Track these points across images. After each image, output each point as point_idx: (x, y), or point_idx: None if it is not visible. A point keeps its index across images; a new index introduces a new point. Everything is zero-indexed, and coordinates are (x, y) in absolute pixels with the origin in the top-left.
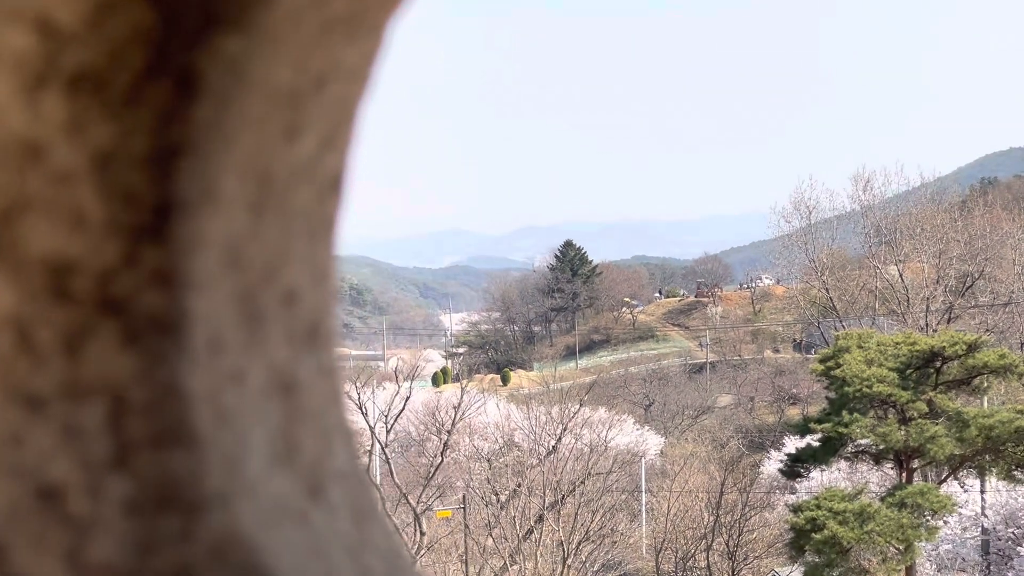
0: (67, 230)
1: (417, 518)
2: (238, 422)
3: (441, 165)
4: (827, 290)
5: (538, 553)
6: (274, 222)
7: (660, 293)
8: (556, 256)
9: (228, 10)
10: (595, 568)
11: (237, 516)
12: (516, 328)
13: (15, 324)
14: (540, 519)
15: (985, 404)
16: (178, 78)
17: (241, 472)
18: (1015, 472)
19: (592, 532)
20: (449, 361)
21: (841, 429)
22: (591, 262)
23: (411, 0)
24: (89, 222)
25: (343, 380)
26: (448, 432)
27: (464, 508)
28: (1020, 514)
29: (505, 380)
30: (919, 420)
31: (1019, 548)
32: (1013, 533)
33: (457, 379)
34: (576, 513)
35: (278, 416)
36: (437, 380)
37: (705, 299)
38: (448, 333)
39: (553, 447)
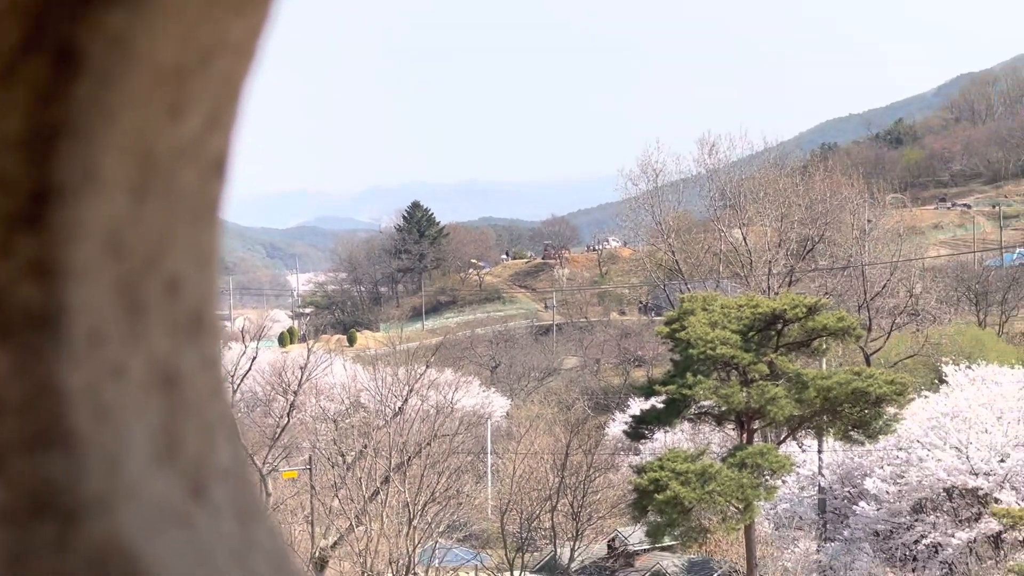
0: None
1: (263, 479)
2: (118, 419)
3: (288, 125)
4: (673, 253)
5: (384, 514)
6: (157, 206)
7: (507, 255)
8: (403, 217)
9: None
10: (440, 529)
11: (118, 522)
12: (363, 289)
13: None
14: (386, 480)
15: (824, 366)
16: (57, 53)
17: (122, 473)
18: (851, 432)
19: (438, 493)
20: (296, 321)
21: (685, 391)
22: (438, 223)
23: None
24: None
25: (223, 370)
26: (294, 393)
27: (310, 469)
28: (856, 473)
29: (352, 341)
30: (760, 382)
31: (854, 507)
32: (849, 492)
33: (304, 339)
34: (422, 474)
35: (160, 412)
36: (284, 340)
37: (552, 261)
38: (295, 293)
39: (399, 408)
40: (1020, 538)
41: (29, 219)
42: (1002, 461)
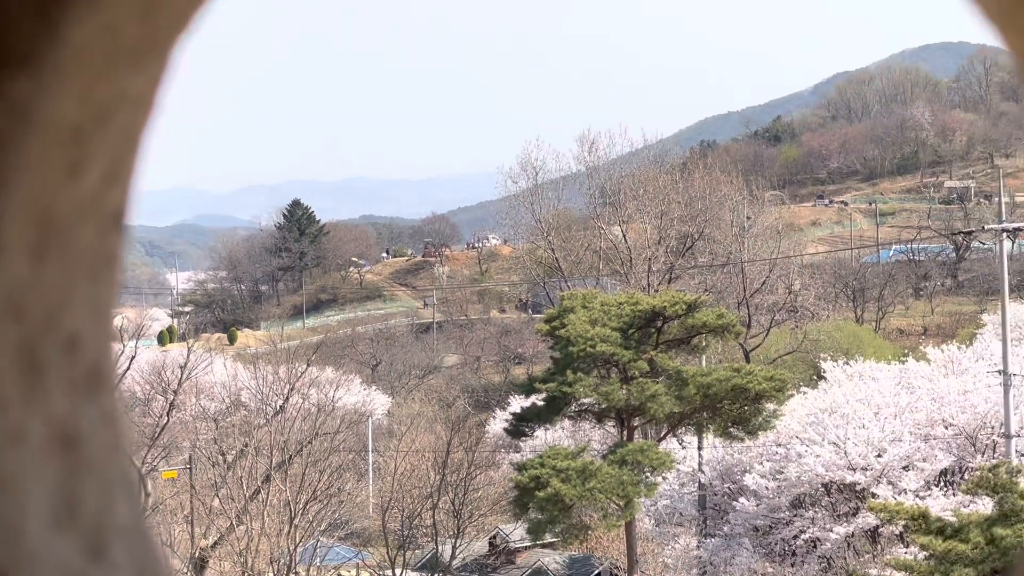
0: None
1: (142, 479)
2: (18, 487)
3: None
4: (553, 250)
5: (265, 513)
6: (56, 265)
7: (388, 253)
8: (283, 215)
9: (15, 49)
10: (322, 528)
11: None
12: (243, 287)
13: None
14: (267, 479)
15: (703, 363)
16: None
17: (22, 543)
18: (731, 429)
19: (319, 492)
20: (175, 320)
21: (565, 388)
22: (319, 221)
23: (198, 24)
24: None
25: (125, 426)
26: (174, 392)
27: (190, 469)
28: (735, 470)
29: (232, 339)
30: (640, 379)
31: (734, 503)
32: (729, 488)
33: (183, 338)
34: (303, 473)
35: (59, 473)
36: (163, 339)
37: (432, 259)
38: (174, 292)
39: (280, 407)
40: (896, 532)
41: None
42: (879, 456)
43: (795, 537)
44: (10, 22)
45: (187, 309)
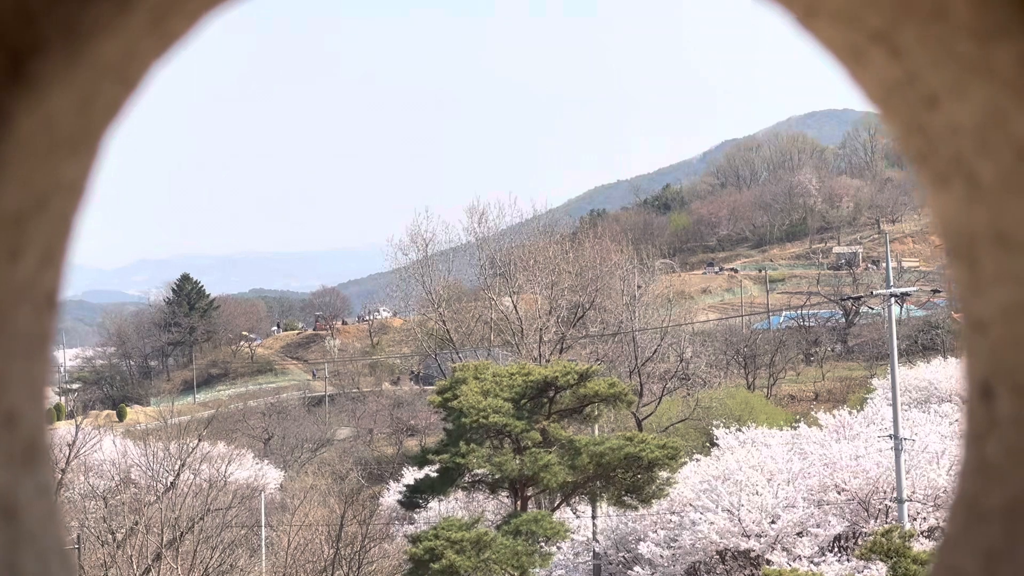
0: None
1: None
2: None
3: None
4: (444, 322)
5: None
6: None
7: (278, 327)
8: (173, 290)
9: None
10: None
11: None
12: (132, 363)
13: None
14: (158, 557)
15: (596, 432)
16: None
17: None
18: (625, 497)
19: (211, 569)
20: (63, 398)
21: (459, 459)
22: (208, 296)
23: (127, 114)
24: None
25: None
26: (62, 471)
27: (79, 548)
28: (630, 538)
29: (121, 416)
30: (533, 449)
31: (629, 572)
32: (624, 557)
33: (71, 416)
34: (195, 550)
35: (1, 544)
36: (51, 417)
37: (323, 332)
38: (62, 369)
39: (171, 483)
40: None
41: None
42: (773, 522)
43: None
44: None
45: (75, 386)
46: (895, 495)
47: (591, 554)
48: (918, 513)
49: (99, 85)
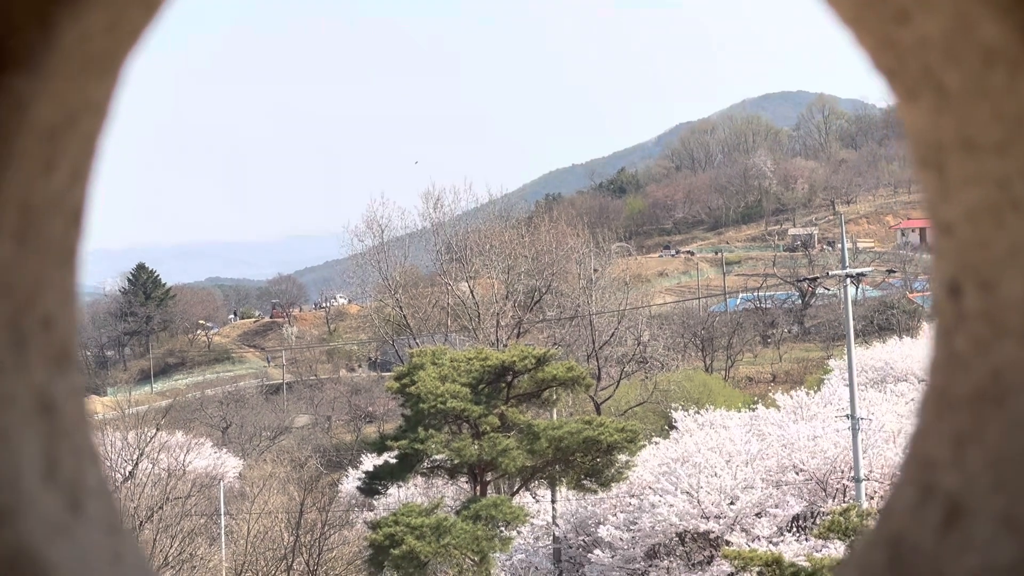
0: None
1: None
2: (12, 442)
3: None
4: (401, 308)
5: None
6: (34, 251)
7: (235, 315)
8: (128, 280)
9: (18, 51)
10: None
11: (22, 531)
12: (88, 353)
13: None
14: None
15: (554, 416)
16: None
17: (20, 489)
18: (584, 481)
19: (171, 558)
20: None
21: (417, 445)
22: (164, 285)
23: (145, 42)
24: None
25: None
26: None
27: None
28: (590, 522)
29: None
30: (492, 434)
31: (589, 555)
32: (583, 540)
33: None
34: (155, 539)
35: (41, 436)
36: None
37: (280, 319)
38: None
39: (130, 473)
40: None
41: None
42: (732, 504)
43: None
44: (15, 27)
45: None
46: (852, 474)
47: (551, 538)
48: (875, 492)
49: (125, 8)
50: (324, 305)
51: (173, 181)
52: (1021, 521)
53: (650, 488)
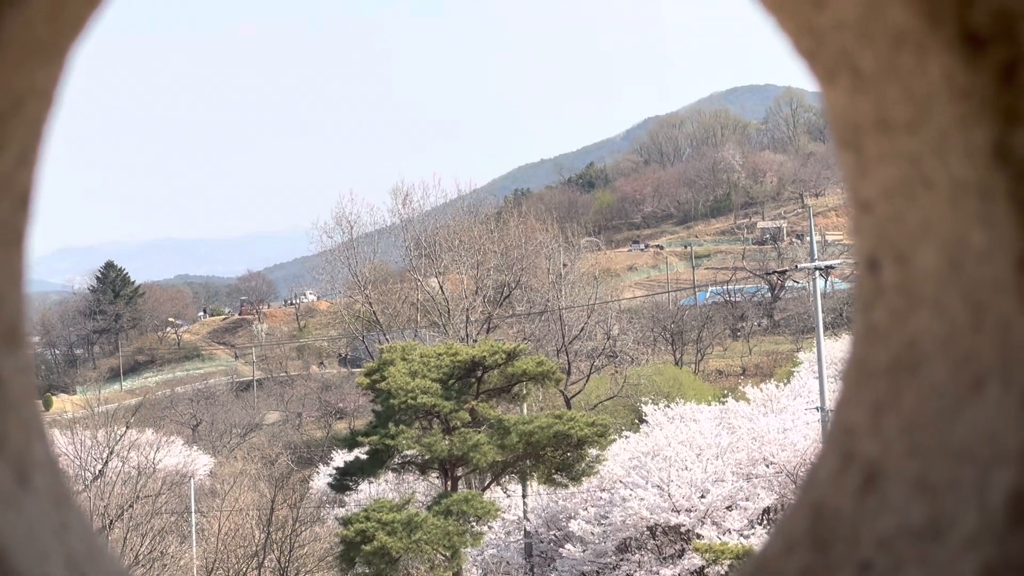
0: None
1: None
2: None
3: None
4: (370, 304)
5: None
6: None
7: (205, 312)
8: (97, 278)
9: None
10: None
11: None
12: (57, 352)
13: None
14: None
15: (524, 410)
16: None
17: None
18: (555, 476)
19: (142, 556)
20: None
21: (388, 441)
22: (133, 283)
23: (91, 29)
24: None
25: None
26: None
27: None
28: (561, 516)
29: (48, 405)
30: (462, 429)
31: (560, 549)
32: (555, 535)
33: None
34: (125, 537)
35: None
36: None
37: (250, 316)
38: None
39: (100, 471)
40: (722, 572)
41: None
42: (702, 497)
43: None
44: None
45: None
46: None
47: (522, 533)
48: None
49: None
50: (294, 302)
51: (142, 178)
52: (932, 484)
53: (621, 482)
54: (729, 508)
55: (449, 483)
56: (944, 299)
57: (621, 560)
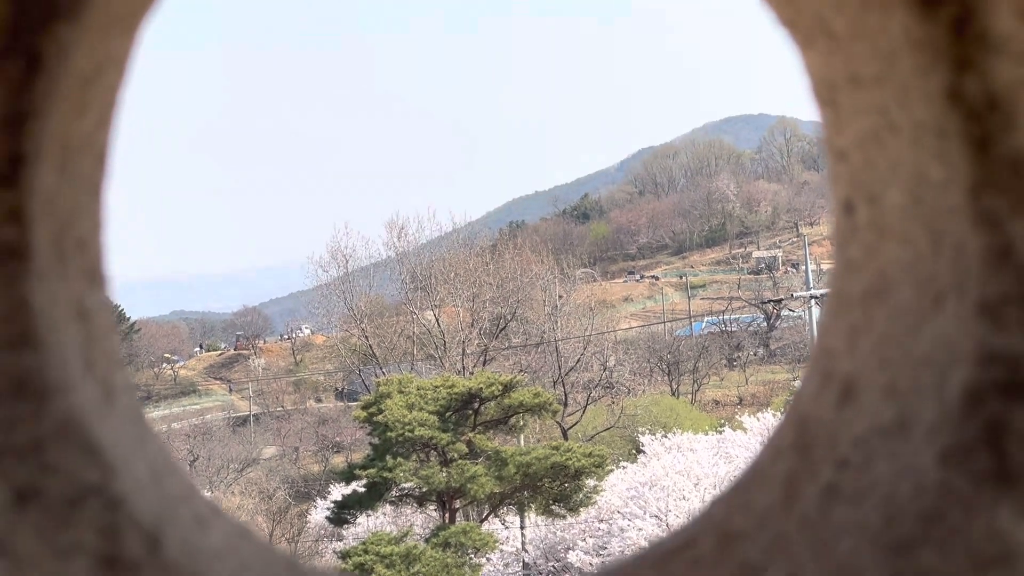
0: None
1: None
2: (60, 334)
3: None
4: (367, 337)
5: None
6: (70, 182)
7: (201, 347)
8: None
9: (65, 3)
10: None
11: (73, 404)
12: None
13: None
14: None
15: (522, 442)
16: (26, 58)
17: (70, 371)
18: (552, 507)
19: None
20: None
21: (385, 474)
22: (129, 319)
23: (160, 4)
24: None
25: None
26: None
27: None
28: (559, 547)
29: None
30: (460, 461)
31: None
32: (553, 566)
33: None
34: None
35: (79, 336)
36: None
37: (246, 351)
38: None
39: None
40: None
41: (7, 179)
42: None
43: None
44: None
45: None
46: None
47: (521, 564)
48: None
49: None
50: (290, 336)
51: (135, 215)
52: (898, 389)
53: (619, 512)
54: None
55: (447, 515)
56: (909, 230)
57: None
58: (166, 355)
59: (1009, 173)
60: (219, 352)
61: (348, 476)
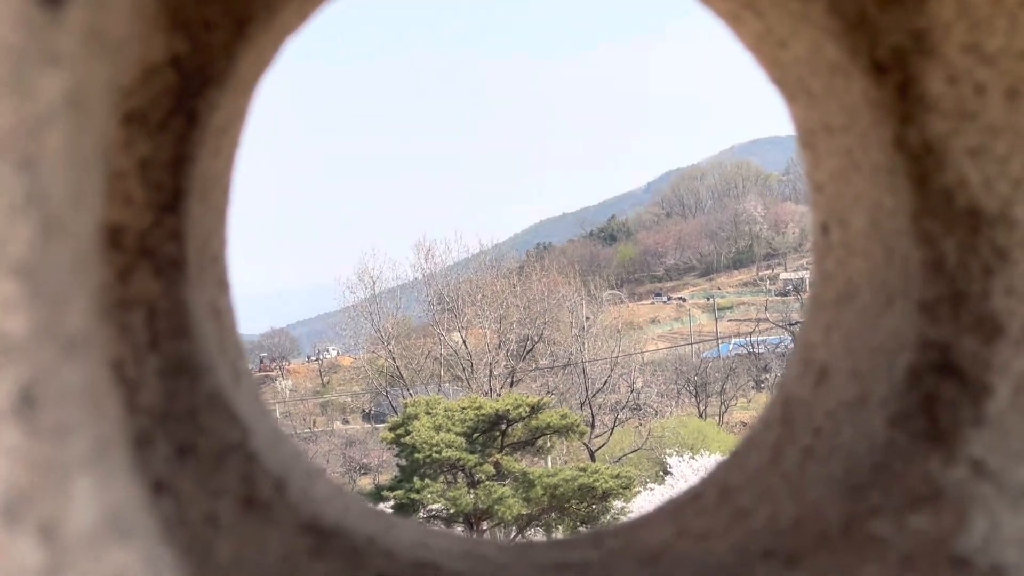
0: (121, 206)
1: None
2: (204, 327)
3: None
4: (394, 359)
5: None
6: (208, 210)
7: None
8: None
9: (218, 72)
10: None
11: (216, 380)
12: None
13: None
14: None
15: (549, 464)
16: (187, 115)
17: (211, 356)
18: (580, 528)
19: None
20: None
21: (413, 495)
22: None
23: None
24: (135, 201)
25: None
26: None
27: None
28: None
29: None
30: (487, 482)
31: None
32: None
33: None
34: None
35: (215, 330)
36: None
37: (273, 373)
38: None
39: None
40: None
41: (171, 207)
42: None
43: None
44: (214, 57)
45: None
46: None
47: None
48: None
49: (276, 40)
50: (317, 358)
51: None
52: (860, 372)
53: None
54: None
55: (475, 536)
56: (869, 247)
57: None
58: None
59: (942, 202)
60: None
61: (376, 498)
